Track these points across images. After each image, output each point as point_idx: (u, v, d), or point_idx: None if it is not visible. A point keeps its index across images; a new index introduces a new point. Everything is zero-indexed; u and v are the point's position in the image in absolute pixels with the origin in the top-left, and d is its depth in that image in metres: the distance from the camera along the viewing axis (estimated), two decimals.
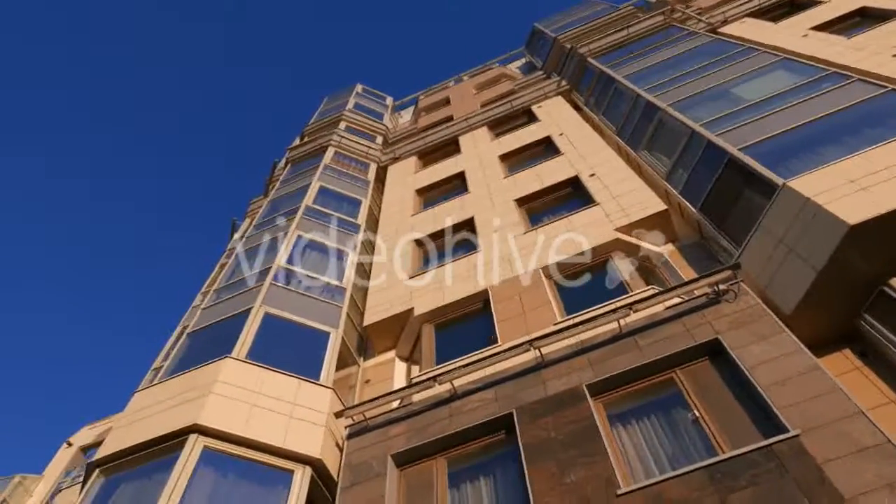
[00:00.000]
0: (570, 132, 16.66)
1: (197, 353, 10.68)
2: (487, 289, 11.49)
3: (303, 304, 12.12)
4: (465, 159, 18.23)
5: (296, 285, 12.53)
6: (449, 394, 9.22)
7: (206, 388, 9.14)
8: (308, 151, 20.74)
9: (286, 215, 15.75)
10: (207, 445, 8.37)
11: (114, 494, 8.38)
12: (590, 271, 11.14)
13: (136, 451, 8.67)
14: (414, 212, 16.26)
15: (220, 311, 11.98)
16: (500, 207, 14.28)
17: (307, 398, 9.66)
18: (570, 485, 7.02)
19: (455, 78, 29.90)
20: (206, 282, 17.27)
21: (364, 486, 8.36)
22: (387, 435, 9.06)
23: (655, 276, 10.96)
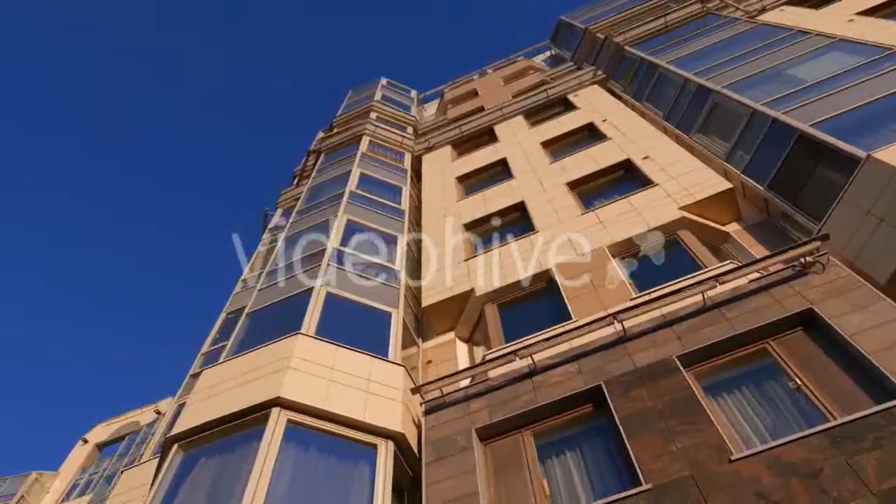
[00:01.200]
0: (613, 118, 16.57)
1: (261, 332, 10.53)
2: (552, 268, 11.36)
3: (360, 284, 11.99)
4: (504, 147, 18.13)
5: (351, 267, 12.40)
6: (529, 368, 9.09)
7: (283, 363, 9.00)
8: (342, 140, 20.63)
9: (330, 201, 15.63)
10: (291, 419, 8.21)
11: (194, 469, 8.22)
12: (657, 249, 11.02)
13: (215, 426, 8.51)
14: (458, 198, 16.15)
15: (278, 291, 11.85)
16: (551, 191, 14.17)
17: (381, 375, 9.52)
18: (679, 452, 6.88)
19: (479, 71, 29.86)
20: (244, 270, 17.12)
21: (450, 461, 8.21)
22: (467, 410, 8.92)
23: (722, 254, 10.85)
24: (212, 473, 8.01)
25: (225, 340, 13.85)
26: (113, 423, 40.92)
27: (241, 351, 10.23)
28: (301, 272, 12.17)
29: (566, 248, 11.78)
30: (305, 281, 11.58)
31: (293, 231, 14.76)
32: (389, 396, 9.16)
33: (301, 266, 12.51)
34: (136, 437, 35.08)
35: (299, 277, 11.91)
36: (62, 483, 36.36)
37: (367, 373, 9.42)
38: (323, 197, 16.39)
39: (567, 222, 12.62)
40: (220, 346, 13.55)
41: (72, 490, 35.56)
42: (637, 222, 11.57)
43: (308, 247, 13.37)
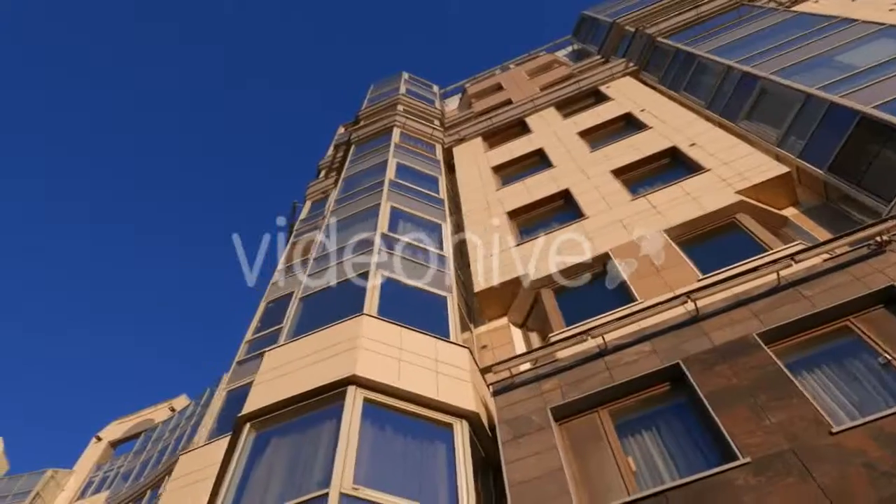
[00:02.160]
0: (651, 108, 16.52)
1: (319, 315, 10.45)
2: (608, 252, 11.30)
3: (412, 269, 11.91)
4: (539, 137, 18.08)
5: (400, 252, 12.32)
6: (599, 349, 9.01)
7: (352, 343, 8.91)
8: (373, 132, 20.56)
9: (370, 189, 15.56)
10: (367, 398, 8.12)
11: (267, 447, 8.13)
12: (717, 232, 10.97)
13: (288, 405, 8.42)
14: (497, 187, 16.09)
15: (330, 276, 11.76)
16: (596, 179, 14.11)
17: (447, 356, 9.43)
18: (774, 426, 6.80)
19: (501, 66, 29.83)
20: (280, 260, 17.04)
21: (527, 440, 8.13)
22: (539, 390, 8.84)
23: (783, 237, 10.78)
24: (288, 451, 7.92)
25: (268, 328, 13.81)
26: (126, 421, 40.79)
27: (300, 334, 10.14)
28: (353, 257, 12.09)
29: (620, 232, 11.72)
30: (360, 265, 11.49)
31: (336, 219, 14.68)
32: (459, 377, 9.07)
33: (351, 252, 12.42)
34: (151, 434, 34.93)
35: (352, 262, 11.82)
36: (77, 480, 36.21)
37: (433, 354, 9.33)
38: (360, 186, 16.32)
39: (617, 208, 12.56)
40: (266, 333, 13.48)
41: (87, 487, 35.42)
42: (693, 207, 11.51)
43: (356, 233, 13.29)
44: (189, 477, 9.87)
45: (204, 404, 32.75)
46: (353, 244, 12.77)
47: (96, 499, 33.05)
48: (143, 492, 28.86)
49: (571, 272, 11.46)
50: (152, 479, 28.95)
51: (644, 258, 10.74)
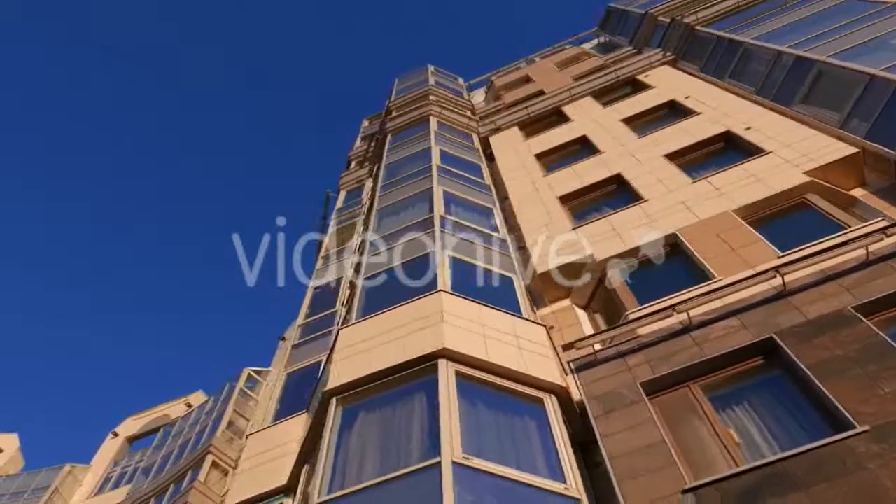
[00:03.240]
0: (697, 95, 16.46)
1: (387, 294, 10.36)
2: (675, 232, 11.21)
3: (473, 251, 11.83)
4: (580, 125, 18.01)
5: (460, 233, 12.24)
6: (682, 325, 8.92)
7: (436, 318, 8.82)
8: (408, 121, 20.50)
9: (417, 175, 15.48)
10: (458, 371, 8.01)
11: (356, 422, 8.03)
12: (788, 212, 10.90)
13: (375, 379, 8.33)
14: (543, 173, 16.01)
15: (391, 256, 11.67)
16: (649, 163, 14.03)
17: (526, 332, 9.35)
18: (890, 395, 6.71)
19: (526, 59, 29.80)
20: (322, 248, 16.95)
21: (619, 414, 8.03)
22: (625, 365, 8.74)
23: (854, 216, 10.70)
24: (380, 424, 7.81)
25: (320, 312, 13.74)
26: (142, 417, 40.59)
27: (371, 312, 10.05)
28: (413, 238, 12.01)
29: (684, 213, 11.64)
30: (422, 245, 11.42)
31: (384, 203, 14.60)
32: (541, 353, 8.98)
33: (410, 233, 12.35)
34: (170, 429, 34.73)
35: (413, 243, 11.74)
36: (94, 476, 36.00)
37: (513, 330, 9.24)
38: (405, 172, 16.24)
39: (678, 190, 12.47)
40: (320, 316, 13.42)
41: (104, 483, 35.24)
42: (759, 188, 11.43)
43: (411, 216, 13.23)
44: (261, 456, 9.75)
45: (224, 399, 32.61)
46: (411, 226, 12.69)
47: (116, 494, 32.88)
48: (167, 486, 28.69)
49: (635, 253, 11.37)
50: (175, 473, 28.79)
51: (714, 238, 10.66)
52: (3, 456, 38.08)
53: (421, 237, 11.89)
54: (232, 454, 28.97)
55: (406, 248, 11.74)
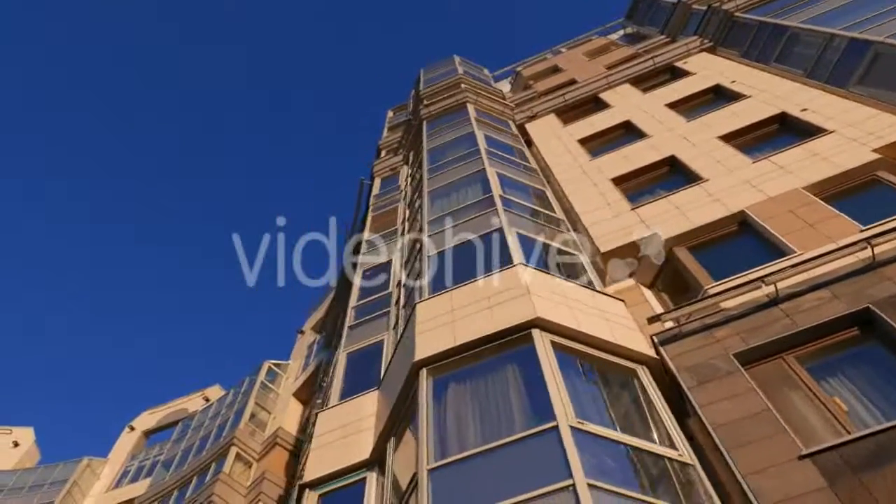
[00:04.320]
0: (742, 79, 16.39)
1: (462, 268, 10.27)
2: (744, 210, 11.13)
3: (536, 229, 11.76)
4: (621, 111, 17.94)
5: (521, 213, 12.16)
6: (769, 298, 8.83)
7: (520, 290, 8.73)
8: (444, 108, 20.40)
9: (466, 158, 15.40)
10: (553, 341, 7.91)
11: (447, 392, 7.92)
12: (859, 189, 10.82)
13: (465, 350, 8.23)
14: (589, 157, 15.92)
15: (455, 235, 11.57)
16: (703, 145, 13.94)
17: (606, 305, 9.27)
18: None
19: (551, 50, 29.75)
20: (366, 230, 16.84)
21: (716, 384, 7.94)
22: (713, 338, 8.65)
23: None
24: (475, 394, 7.71)
25: (370, 295, 13.64)
26: (158, 410, 40.45)
27: (443, 287, 9.96)
28: (478, 215, 11.92)
29: (751, 192, 11.53)
30: (486, 223, 11.34)
31: (435, 186, 14.51)
32: (627, 325, 8.90)
33: (472, 212, 12.27)
34: (190, 422, 34.60)
35: (481, 219, 11.65)
36: (112, 469, 35.84)
37: (594, 303, 9.15)
38: (451, 156, 16.15)
39: (739, 170, 12.38)
40: (373, 298, 13.31)
41: (122, 476, 35.08)
42: (826, 166, 11.34)
43: (466, 197, 13.14)
44: (334, 433, 9.63)
45: (244, 392, 32.57)
46: (470, 206, 12.61)
47: (135, 487, 32.73)
48: (190, 478, 28.58)
49: (706, 231, 11.28)
50: (198, 466, 28.68)
51: (785, 215, 10.57)
52: (20, 449, 37.91)
53: (485, 215, 11.80)
54: (255, 446, 28.91)
55: (471, 225, 11.65)
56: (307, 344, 35.39)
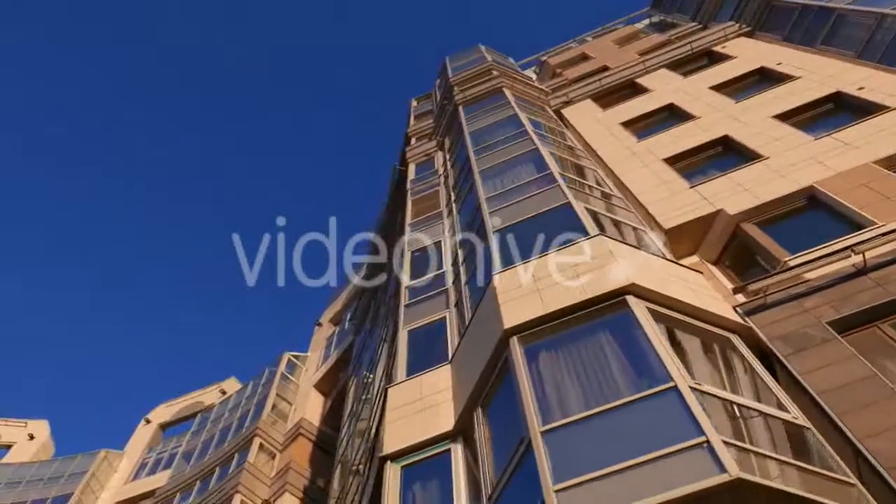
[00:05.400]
0: (789, 61, 16.29)
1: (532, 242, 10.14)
2: (812, 185, 11.02)
3: (600, 205, 11.64)
4: (662, 94, 17.86)
5: (581, 188, 12.04)
6: (855, 268, 8.73)
7: (607, 259, 8.62)
8: (479, 94, 20.29)
9: (513, 139, 15.29)
10: (648, 307, 7.79)
11: (539, 359, 7.79)
12: None
13: (557, 317, 8.11)
14: (636, 139, 15.82)
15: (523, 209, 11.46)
16: (757, 125, 13.84)
17: (688, 276, 9.18)
18: None
19: (576, 39, 29.66)
20: (409, 214, 16.71)
21: (813, 352, 7.82)
22: (802, 307, 8.54)
23: None
24: (571, 360, 7.57)
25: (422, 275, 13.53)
26: (174, 404, 40.27)
27: (515, 261, 9.84)
28: (537, 193, 11.81)
29: (818, 167, 11.43)
30: (556, 198, 11.22)
31: (484, 166, 14.41)
32: (712, 295, 8.79)
33: (530, 190, 12.15)
34: (208, 415, 34.47)
35: (546, 194, 11.54)
36: (129, 462, 35.65)
37: (676, 273, 9.05)
38: (496, 138, 16.03)
39: (800, 147, 12.27)
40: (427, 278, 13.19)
41: (140, 469, 34.90)
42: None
43: (523, 175, 13.04)
44: (409, 407, 9.49)
45: (265, 383, 32.45)
46: (528, 183, 12.50)
47: (154, 479, 32.56)
48: (212, 469, 28.46)
49: (774, 206, 11.17)
50: (220, 456, 28.57)
51: (862, 188, 10.46)
52: (35, 442, 37.73)
53: (546, 192, 11.69)
54: (277, 437, 28.81)
55: (533, 202, 11.53)
56: (325, 336, 35.28)
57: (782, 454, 6.32)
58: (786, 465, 5.80)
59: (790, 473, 5.71)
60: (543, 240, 10.06)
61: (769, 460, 5.77)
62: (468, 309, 10.54)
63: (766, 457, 5.77)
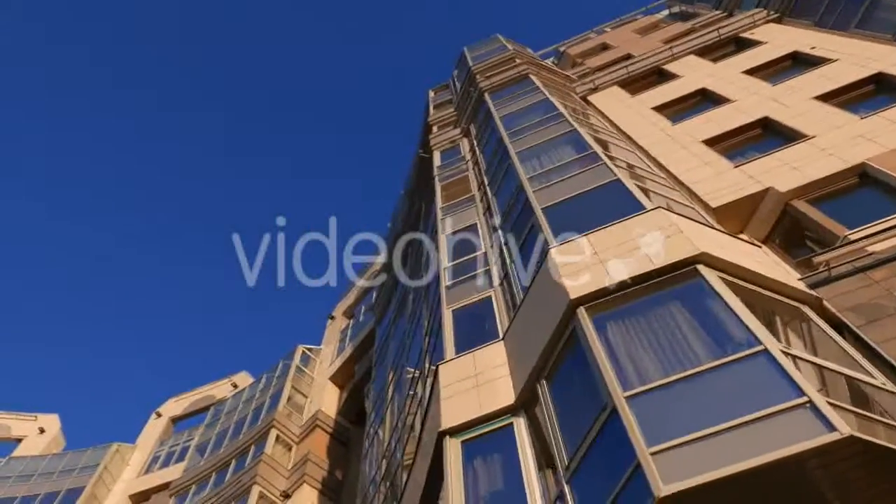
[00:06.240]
0: (823, 45, 16.18)
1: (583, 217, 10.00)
2: (864, 162, 10.91)
3: (645, 182, 11.52)
4: (693, 80, 17.79)
5: (623, 166, 11.92)
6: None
7: (672, 230, 8.46)
8: (505, 80, 20.13)
9: (548, 122, 15.14)
10: (720, 276, 7.65)
11: (607, 330, 7.64)
12: None
13: (622, 288, 7.96)
14: (671, 123, 15.72)
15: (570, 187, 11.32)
16: (797, 106, 13.74)
17: (749, 249, 9.05)
18: None
19: (595, 30, 29.56)
20: (439, 199, 16.57)
21: (886, 322, 7.69)
22: (870, 279, 8.39)
23: None
24: (643, 330, 7.42)
25: (460, 257, 13.40)
26: (185, 397, 40.09)
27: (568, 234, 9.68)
28: (581, 172, 11.67)
29: (868, 145, 11.33)
30: (605, 175, 11.08)
31: (521, 148, 14.26)
32: (776, 266, 8.66)
33: (573, 169, 12.00)
34: (221, 408, 34.32)
35: (594, 171, 11.40)
36: (141, 455, 35.48)
37: (738, 246, 8.91)
38: (529, 122, 15.88)
39: (847, 126, 12.17)
40: (470, 258, 13.07)
41: (152, 462, 34.72)
42: None
43: (563, 155, 12.90)
44: (463, 384, 9.34)
45: (279, 376, 32.31)
46: (570, 163, 12.36)
47: (167, 472, 32.39)
48: (228, 461, 28.33)
49: (825, 183, 11.06)
50: (237, 448, 28.44)
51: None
52: (45, 436, 37.55)
53: (591, 170, 11.55)
54: (293, 428, 28.67)
55: (578, 181, 11.40)
56: (339, 329, 35.12)
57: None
58: (886, 427, 5.67)
59: (893, 436, 5.57)
60: (597, 215, 9.89)
61: (871, 422, 5.64)
62: (517, 286, 10.41)
63: (867, 417, 5.64)
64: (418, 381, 12.42)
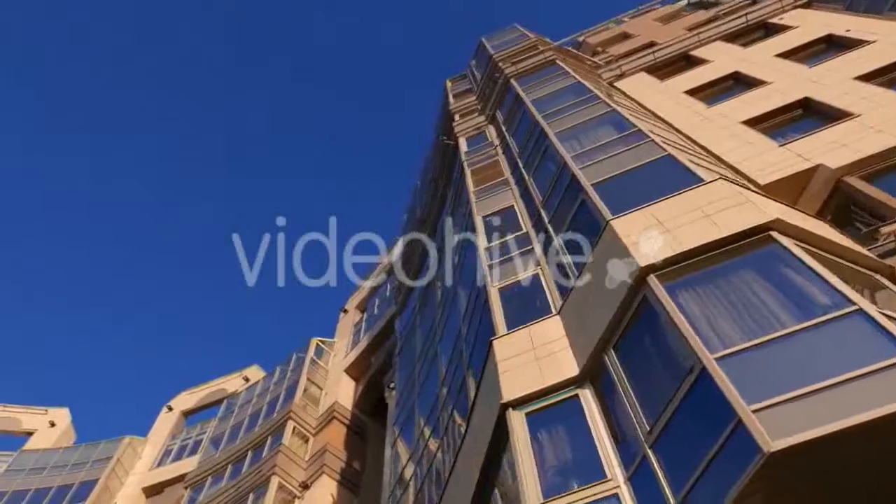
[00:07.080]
0: (858, 27, 16.11)
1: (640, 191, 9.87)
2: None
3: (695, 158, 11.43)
4: (724, 64, 17.79)
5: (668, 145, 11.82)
6: None
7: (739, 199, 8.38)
8: (531, 67, 20.01)
9: (583, 104, 15.03)
10: (795, 243, 7.54)
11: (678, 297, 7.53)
12: None
13: (692, 256, 7.85)
14: (706, 106, 15.63)
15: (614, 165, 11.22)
16: (838, 87, 13.70)
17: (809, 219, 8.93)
18: None
19: (614, 20, 29.51)
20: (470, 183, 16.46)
21: None
22: None
23: None
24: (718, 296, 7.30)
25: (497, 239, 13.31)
26: (197, 391, 39.93)
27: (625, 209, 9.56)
28: (626, 150, 11.58)
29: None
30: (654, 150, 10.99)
31: (559, 129, 14.14)
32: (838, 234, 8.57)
33: (617, 148, 11.91)
34: (234, 401, 34.16)
35: (632, 153, 11.31)
36: (153, 448, 35.30)
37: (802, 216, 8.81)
38: (562, 105, 15.77)
39: (893, 105, 12.09)
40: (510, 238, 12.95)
41: (165, 456, 34.55)
42: None
43: (602, 135, 12.81)
44: (520, 357, 9.23)
45: (294, 369, 32.18)
46: (610, 143, 12.28)
47: (180, 465, 32.24)
48: (244, 453, 28.14)
49: (878, 159, 10.99)
50: (252, 440, 28.26)
51: None
52: (56, 430, 37.38)
53: (638, 147, 11.45)
54: (310, 420, 28.52)
55: (624, 158, 11.30)
56: (352, 322, 35.00)
57: None
58: None
59: None
60: (652, 189, 9.78)
61: None
62: (569, 262, 10.30)
63: None
64: (457, 364, 12.32)
